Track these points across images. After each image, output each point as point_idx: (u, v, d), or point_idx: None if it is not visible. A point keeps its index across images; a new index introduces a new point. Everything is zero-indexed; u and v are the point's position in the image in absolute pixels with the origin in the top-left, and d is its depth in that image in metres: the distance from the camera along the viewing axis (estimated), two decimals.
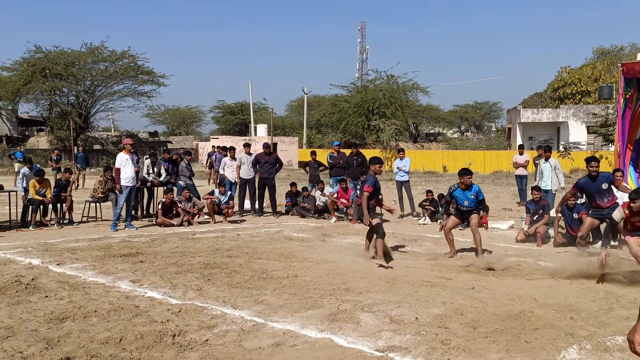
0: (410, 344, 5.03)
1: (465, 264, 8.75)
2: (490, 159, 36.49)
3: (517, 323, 5.65)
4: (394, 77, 45.33)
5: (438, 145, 50.94)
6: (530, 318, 5.83)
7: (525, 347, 4.97)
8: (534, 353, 4.86)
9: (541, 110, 44.46)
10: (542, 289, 7.16)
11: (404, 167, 15.18)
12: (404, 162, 15.22)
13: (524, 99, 55.88)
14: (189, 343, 5.01)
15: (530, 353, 4.85)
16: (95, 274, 7.71)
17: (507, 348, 4.93)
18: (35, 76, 40.55)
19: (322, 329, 5.42)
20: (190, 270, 7.99)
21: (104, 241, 10.57)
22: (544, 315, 5.94)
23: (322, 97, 64.44)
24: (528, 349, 4.93)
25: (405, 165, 15.20)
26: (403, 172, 15.21)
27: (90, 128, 47.26)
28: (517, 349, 4.92)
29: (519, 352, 4.86)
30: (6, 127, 50.54)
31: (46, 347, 4.83)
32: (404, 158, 15.37)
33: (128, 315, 5.78)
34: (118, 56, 43.48)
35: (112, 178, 13.39)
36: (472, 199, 9.56)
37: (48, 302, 6.27)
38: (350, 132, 44.31)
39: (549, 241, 10.88)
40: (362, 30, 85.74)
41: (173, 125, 75.50)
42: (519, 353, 4.84)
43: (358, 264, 8.65)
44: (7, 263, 8.38)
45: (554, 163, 13.50)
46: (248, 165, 14.94)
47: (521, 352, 4.87)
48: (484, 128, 71.81)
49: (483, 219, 10.48)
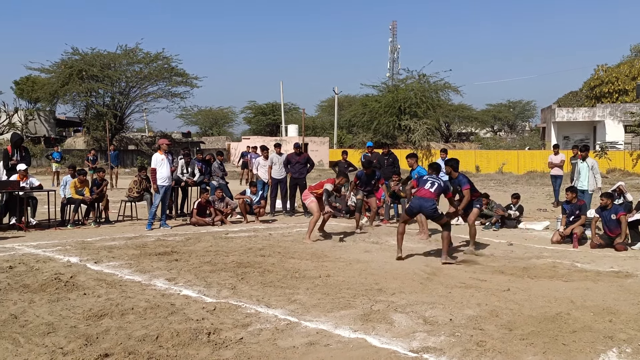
0: (445, 345, 5.00)
1: (500, 265, 8.65)
2: (524, 159, 35.99)
3: (554, 325, 5.57)
4: (426, 76, 45.09)
5: (470, 145, 50.45)
6: (568, 320, 5.74)
7: (563, 350, 4.89)
8: (572, 356, 4.78)
9: (577, 109, 43.66)
10: (579, 291, 7.04)
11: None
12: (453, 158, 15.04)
13: (559, 97, 54.94)
14: (224, 341, 5.05)
15: (568, 356, 4.77)
16: (132, 272, 7.84)
17: (544, 350, 4.86)
18: (72, 78, 41.37)
19: (356, 329, 5.42)
20: (224, 269, 8.06)
21: (140, 240, 10.73)
22: (582, 318, 5.84)
23: (353, 97, 64.43)
24: (566, 352, 4.85)
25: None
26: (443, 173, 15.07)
27: (125, 129, 48.01)
28: (554, 352, 4.84)
29: (556, 354, 4.79)
30: (44, 128, 51.73)
31: (85, 344, 4.93)
32: (446, 158, 15.21)
33: (164, 313, 5.86)
34: (152, 58, 44.10)
35: (146, 178, 13.61)
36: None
37: (86, 300, 6.39)
38: (381, 132, 44.18)
39: (585, 242, 10.70)
40: (394, 29, 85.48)
41: (206, 125, 76.28)
42: (556, 356, 4.77)
43: (390, 265, 8.62)
44: (46, 261, 8.57)
45: (591, 163, 13.27)
46: (279, 165, 15.01)
47: (559, 354, 4.79)
48: (517, 127, 70.89)
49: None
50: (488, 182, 27.69)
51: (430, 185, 8.99)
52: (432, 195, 8.89)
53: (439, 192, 9.01)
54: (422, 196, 8.90)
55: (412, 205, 8.99)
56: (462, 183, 9.62)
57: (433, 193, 8.91)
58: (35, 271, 7.80)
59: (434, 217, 8.93)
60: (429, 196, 8.86)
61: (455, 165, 9.89)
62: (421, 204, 8.84)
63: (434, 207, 8.84)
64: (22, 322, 5.54)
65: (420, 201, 8.87)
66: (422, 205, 8.85)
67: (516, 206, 13.26)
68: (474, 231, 9.77)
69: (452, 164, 9.91)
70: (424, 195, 8.89)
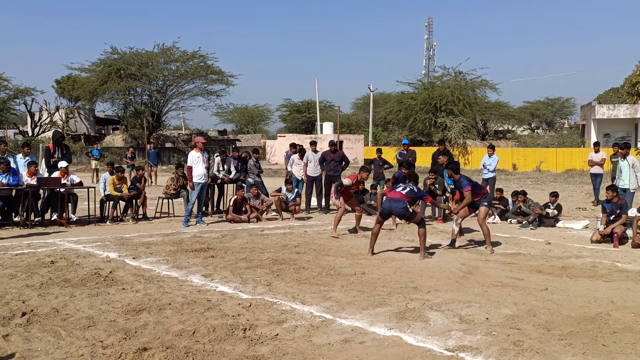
0: (481, 344, 4.95)
1: (538, 264, 8.52)
2: (562, 157, 35.33)
3: (593, 326, 5.46)
4: (462, 73, 44.60)
5: (507, 142, 49.71)
6: (608, 321, 5.62)
7: (603, 351, 4.80)
8: (612, 357, 4.68)
9: (618, 106, 42.60)
10: (619, 291, 6.89)
11: (489, 166, 14.89)
12: (492, 160, 14.92)
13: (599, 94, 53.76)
14: (260, 337, 5.09)
15: (608, 357, 4.68)
16: (169, 268, 7.96)
17: (584, 351, 4.77)
18: (111, 77, 42.09)
19: (391, 327, 5.40)
20: (260, 266, 8.12)
21: (177, 236, 10.89)
22: (623, 319, 5.71)
23: (388, 95, 64.19)
24: (606, 353, 4.76)
25: (491, 164, 14.90)
26: (488, 170, 14.93)
27: (162, 126, 48.65)
28: (594, 353, 4.75)
29: (596, 355, 4.70)
30: (84, 126, 52.89)
31: (124, 337, 5.02)
32: (492, 155, 15.06)
33: (200, 309, 5.94)
34: (189, 56, 44.56)
35: (183, 175, 13.79)
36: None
37: (125, 294, 6.51)
38: (417, 130, 43.89)
39: (626, 242, 10.45)
40: (429, 26, 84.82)
41: (241, 123, 76.82)
42: (596, 357, 4.68)
43: (425, 263, 8.56)
44: (86, 256, 8.76)
45: (632, 161, 12.96)
46: (315, 162, 15.05)
47: (598, 355, 4.70)
48: (555, 125, 69.57)
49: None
50: (525, 180, 27.29)
51: (402, 189, 9.36)
52: (403, 196, 9.15)
53: (411, 196, 9.24)
54: (392, 197, 9.22)
55: (384, 207, 9.34)
56: (463, 185, 9.76)
57: (404, 195, 9.18)
58: (75, 266, 7.98)
59: (405, 216, 9.18)
60: (399, 197, 9.13)
61: (456, 168, 10.04)
62: (391, 205, 9.12)
63: (404, 207, 9.05)
64: (64, 315, 5.68)
65: (390, 202, 9.16)
66: (392, 207, 9.12)
67: (554, 205, 13.03)
68: (486, 230, 9.68)
69: (452, 167, 10.07)
70: (394, 197, 9.19)
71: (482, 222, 9.75)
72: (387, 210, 9.25)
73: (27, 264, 8.02)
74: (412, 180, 10.08)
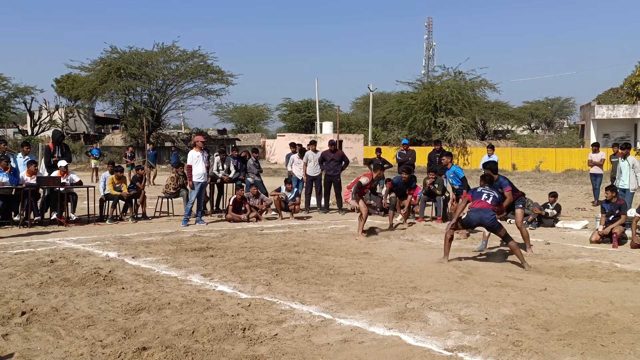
0: (480, 344, 4.95)
1: (537, 264, 8.52)
2: (562, 157, 35.36)
3: (592, 326, 5.47)
4: (462, 73, 44.64)
5: (507, 142, 49.75)
6: (607, 321, 5.63)
7: (602, 351, 4.80)
8: (611, 357, 4.69)
9: (617, 106, 42.62)
10: (618, 291, 6.90)
11: None
12: (491, 160, 14.90)
13: (599, 94, 53.78)
14: (259, 337, 5.10)
15: (607, 357, 4.68)
16: (168, 268, 7.96)
17: (582, 352, 4.78)
18: (110, 76, 42.11)
19: (390, 327, 5.41)
20: (259, 265, 8.13)
21: (176, 236, 10.89)
22: (621, 319, 5.72)
23: (388, 94, 64.24)
24: (605, 353, 4.76)
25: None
26: None
27: (161, 126, 48.67)
28: (592, 353, 4.76)
29: (594, 356, 4.71)
30: (84, 125, 52.91)
31: (124, 337, 5.03)
32: (492, 155, 15.08)
33: (200, 309, 5.94)
34: (188, 55, 44.58)
35: (183, 174, 13.79)
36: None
37: (124, 294, 6.52)
38: (417, 129, 43.91)
39: (625, 242, 10.46)
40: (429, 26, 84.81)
41: (241, 122, 76.82)
42: (594, 357, 4.68)
43: (425, 263, 8.57)
44: (86, 255, 8.76)
45: (632, 161, 12.97)
46: (314, 162, 15.06)
47: (597, 356, 4.71)
48: (555, 125, 69.60)
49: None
50: (525, 180, 27.29)
51: (487, 196, 8.78)
52: (490, 206, 8.66)
53: (495, 203, 8.77)
54: (480, 207, 8.64)
55: (472, 218, 8.69)
56: (504, 185, 9.47)
57: (490, 204, 8.68)
58: (75, 265, 7.99)
59: (493, 228, 8.63)
60: (487, 207, 8.62)
61: (494, 167, 9.76)
62: (481, 216, 8.57)
63: (493, 218, 8.59)
64: (63, 314, 5.68)
65: (479, 213, 8.58)
66: (482, 218, 8.59)
67: (553, 205, 13.04)
68: (525, 232, 9.49)
69: (491, 166, 9.78)
70: (482, 207, 8.63)
71: (521, 224, 9.59)
72: (476, 222, 8.74)
73: (26, 263, 8.02)
74: (487, 183, 9.19)
